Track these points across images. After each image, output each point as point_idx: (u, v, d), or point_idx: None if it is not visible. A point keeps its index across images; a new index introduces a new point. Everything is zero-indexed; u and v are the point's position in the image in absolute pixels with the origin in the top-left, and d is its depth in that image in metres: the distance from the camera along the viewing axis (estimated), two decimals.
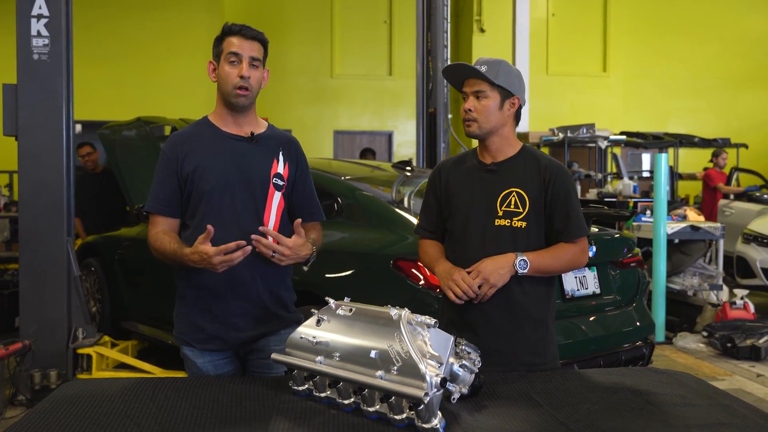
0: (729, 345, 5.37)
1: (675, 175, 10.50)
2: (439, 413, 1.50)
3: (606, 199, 8.11)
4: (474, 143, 2.33)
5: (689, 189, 11.87)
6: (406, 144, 12.41)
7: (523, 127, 9.86)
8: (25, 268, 4.18)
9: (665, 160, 5.89)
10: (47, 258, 4.17)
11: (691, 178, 11.34)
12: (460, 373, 1.68)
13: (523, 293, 2.14)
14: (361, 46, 12.59)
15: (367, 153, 9.07)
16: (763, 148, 12.38)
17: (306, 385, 1.74)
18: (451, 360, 1.66)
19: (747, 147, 11.21)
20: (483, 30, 12.00)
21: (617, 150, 10.61)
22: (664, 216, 5.90)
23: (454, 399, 1.67)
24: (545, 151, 9.32)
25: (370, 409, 1.57)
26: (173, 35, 11.16)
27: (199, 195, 2.13)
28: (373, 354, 1.57)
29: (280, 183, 2.19)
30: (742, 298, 5.99)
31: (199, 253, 1.96)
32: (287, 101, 11.98)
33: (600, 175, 9.83)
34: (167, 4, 11.23)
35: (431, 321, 1.59)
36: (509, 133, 2.21)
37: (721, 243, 6.52)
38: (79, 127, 5.64)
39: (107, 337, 4.69)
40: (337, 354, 1.66)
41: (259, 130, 2.21)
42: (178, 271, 2.19)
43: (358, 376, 1.58)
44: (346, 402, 1.63)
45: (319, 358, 1.69)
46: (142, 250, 2.85)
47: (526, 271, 2.07)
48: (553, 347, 2.23)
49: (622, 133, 10.81)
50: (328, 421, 1.58)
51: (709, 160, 10.01)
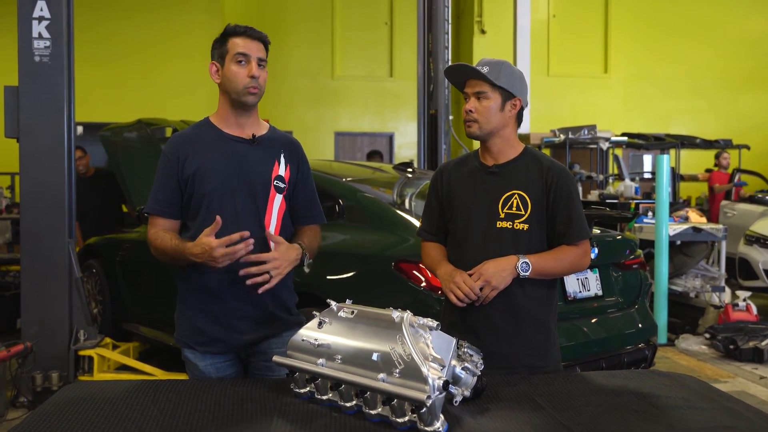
0: (732, 347, 5.36)
1: (677, 177, 10.49)
2: (441, 416, 1.50)
3: (608, 200, 8.10)
4: (475, 145, 2.32)
5: (691, 190, 11.86)
6: (407, 145, 12.40)
7: (524, 128, 9.85)
8: (27, 270, 4.18)
9: (667, 161, 5.88)
10: (49, 260, 4.17)
11: (693, 179, 11.33)
12: (463, 376, 1.68)
13: (524, 296, 2.13)
14: (362, 48, 12.58)
15: (374, 155, 8.99)
16: (764, 148, 12.36)
17: (308, 388, 1.73)
18: (453, 362, 1.65)
19: (749, 148, 11.20)
20: (484, 31, 12.00)
21: (618, 151, 10.59)
22: (666, 217, 5.89)
23: (456, 402, 1.66)
24: (546, 152, 9.31)
25: (372, 412, 1.57)
26: (174, 37, 11.15)
27: (199, 197, 2.12)
28: (375, 356, 1.57)
29: (282, 185, 2.18)
30: (744, 300, 5.98)
31: (202, 245, 1.94)
32: (288, 103, 11.98)
33: (601, 177, 9.82)
34: (168, 6, 11.23)
35: (433, 323, 1.59)
36: (511, 135, 2.20)
37: (724, 244, 6.50)
38: (80, 128, 5.63)
39: (108, 339, 4.68)
40: (339, 356, 1.66)
41: (260, 131, 2.20)
42: (179, 273, 2.18)
43: (360, 379, 1.58)
44: (347, 405, 1.62)
45: (320, 361, 1.69)
46: (143, 252, 2.84)
47: (528, 273, 2.06)
48: (555, 350, 2.23)
49: (624, 134, 10.80)
50: (330, 423, 1.58)
51: (714, 164, 10.02)
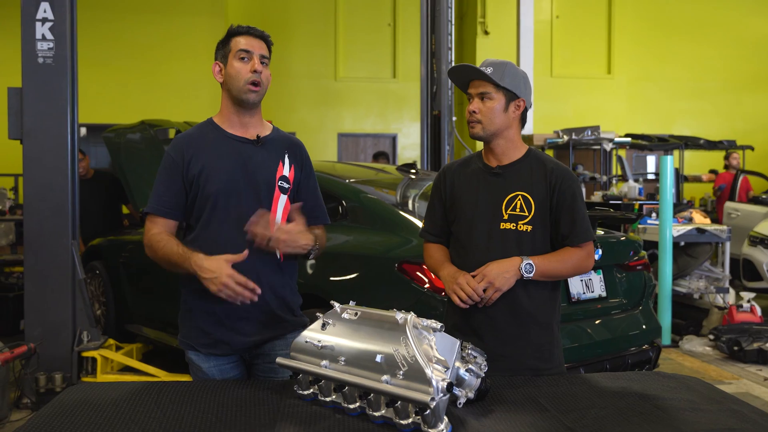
0: (736, 348, 5.34)
1: (681, 178, 10.47)
2: (445, 418, 1.49)
3: (611, 201, 8.09)
4: (479, 146, 2.31)
5: (695, 191, 11.83)
6: (411, 147, 12.41)
7: (527, 129, 9.80)
8: (30, 271, 4.18)
9: (671, 162, 5.87)
10: (52, 261, 4.17)
11: (697, 180, 11.30)
12: (467, 378, 1.67)
13: (528, 297, 2.12)
14: (365, 49, 12.58)
15: (380, 157, 8.97)
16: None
17: (311, 390, 1.73)
18: (457, 364, 1.64)
19: (753, 149, 11.17)
20: (487, 32, 12.00)
21: (622, 152, 10.58)
22: (670, 218, 5.88)
23: (460, 404, 1.66)
24: (550, 153, 9.31)
25: (376, 414, 1.56)
26: (177, 38, 11.16)
27: (204, 197, 2.11)
28: (378, 358, 1.56)
29: (286, 186, 2.17)
30: (748, 301, 5.96)
31: (219, 266, 1.93)
32: (291, 104, 11.99)
33: (605, 178, 9.81)
34: (171, 7, 11.24)
35: (437, 325, 1.58)
36: (514, 136, 2.19)
37: (728, 245, 6.48)
38: (84, 130, 5.63)
39: (112, 340, 4.69)
40: (343, 358, 1.65)
41: (264, 132, 2.20)
42: (184, 275, 2.17)
43: (363, 381, 1.57)
44: (351, 406, 1.62)
45: (324, 362, 1.68)
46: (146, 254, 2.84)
47: (531, 275, 2.05)
48: (558, 351, 2.21)
49: (627, 135, 10.78)
50: (334, 425, 1.57)
51: (724, 165, 10.02)
